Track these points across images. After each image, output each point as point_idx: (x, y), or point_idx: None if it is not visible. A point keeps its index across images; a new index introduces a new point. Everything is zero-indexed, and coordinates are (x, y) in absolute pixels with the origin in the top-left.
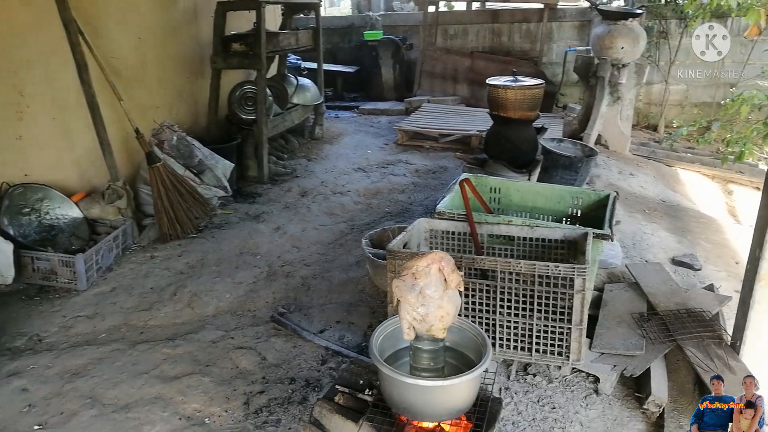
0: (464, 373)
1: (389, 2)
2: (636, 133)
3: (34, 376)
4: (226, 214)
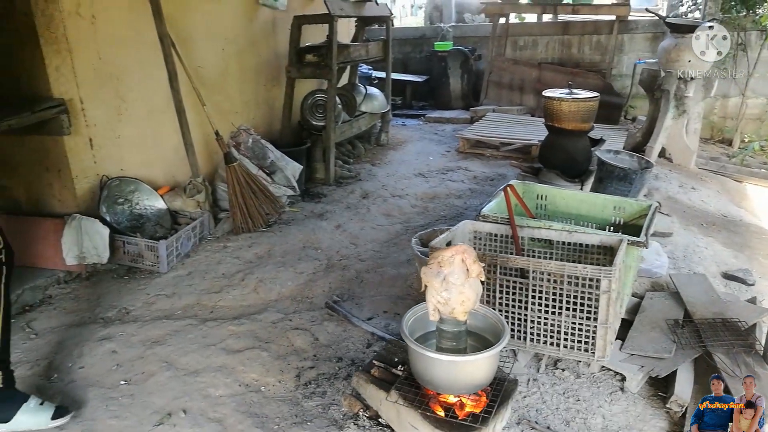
0: (481, 352)
1: (461, 14)
2: (708, 147)
3: (121, 341)
4: (293, 211)
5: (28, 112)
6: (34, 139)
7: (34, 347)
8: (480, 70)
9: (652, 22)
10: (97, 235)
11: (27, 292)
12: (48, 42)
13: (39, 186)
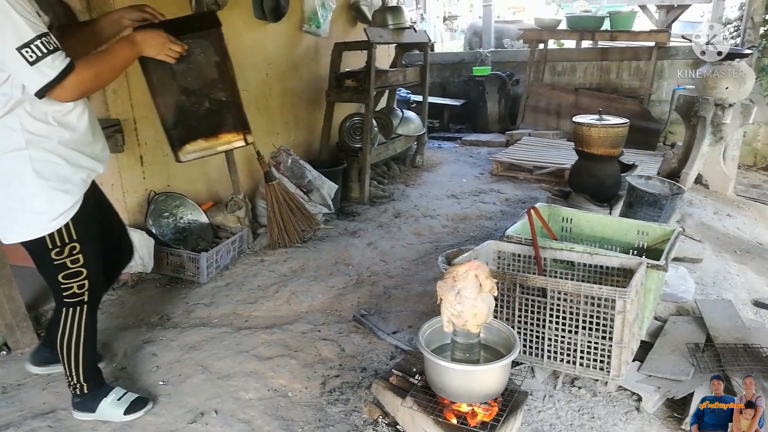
0: (492, 362)
1: (500, 40)
2: (750, 175)
3: (161, 345)
4: (327, 228)
5: None
6: None
7: None
8: (517, 95)
9: (691, 48)
10: (143, 246)
11: None
12: None
13: None
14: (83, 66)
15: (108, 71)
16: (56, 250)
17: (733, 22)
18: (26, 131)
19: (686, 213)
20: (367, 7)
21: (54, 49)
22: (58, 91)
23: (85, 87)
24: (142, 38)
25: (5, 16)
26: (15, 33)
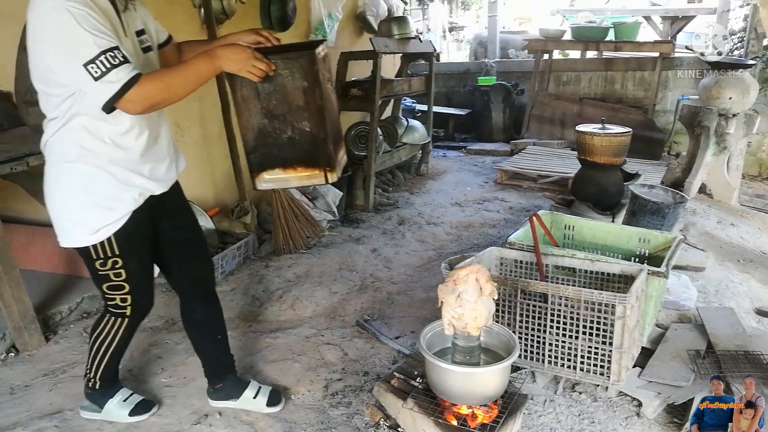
0: (492, 364)
1: (505, 50)
2: (755, 185)
3: (167, 348)
4: (332, 235)
5: None
6: None
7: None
8: (522, 105)
9: (696, 59)
10: None
11: (86, 301)
12: None
13: None
14: (151, 78)
15: (179, 84)
16: (100, 262)
17: (738, 33)
18: (79, 145)
19: (690, 222)
20: (373, 18)
21: (119, 63)
22: (123, 103)
23: (152, 99)
24: (223, 52)
25: (72, 33)
26: (81, 49)
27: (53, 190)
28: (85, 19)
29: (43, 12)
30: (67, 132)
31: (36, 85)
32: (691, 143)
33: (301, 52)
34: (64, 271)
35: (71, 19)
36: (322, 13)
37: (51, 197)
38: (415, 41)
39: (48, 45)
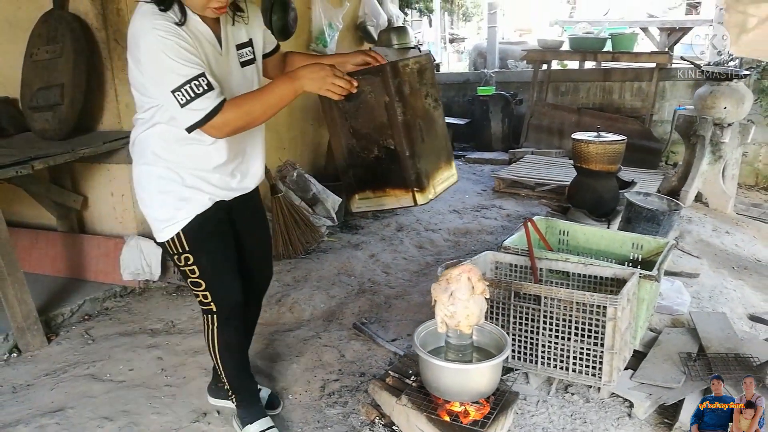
0: (484, 361)
1: (504, 60)
2: (752, 194)
3: (167, 349)
4: (331, 241)
5: (100, 143)
6: (104, 166)
7: (90, 351)
8: (521, 114)
9: (693, 69)
10: (151, 254)
11: (87, 303)
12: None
13: (104, 208)
14: (233, 105)
15: (260, 109)
16: (175, 257)
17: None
18: (156, 150)
19: (685, 230)
20: (374, 28)
21: (204, 91)
22: (207, 129)
23: (234, 126)
24: (303, 73)
25: (159, 61)
26: (168, 77)
27: (137, 189)
28: (171, 48)
29: (138, 33)
30: (149, 136)
31: (131, 85)
32: (687, 152)
33: (381, 66)
34: (67, 274)
35: (160, 47)
36: (323, 22)
37: (137, 195)
38: (415, 51)
39: (140, 64)
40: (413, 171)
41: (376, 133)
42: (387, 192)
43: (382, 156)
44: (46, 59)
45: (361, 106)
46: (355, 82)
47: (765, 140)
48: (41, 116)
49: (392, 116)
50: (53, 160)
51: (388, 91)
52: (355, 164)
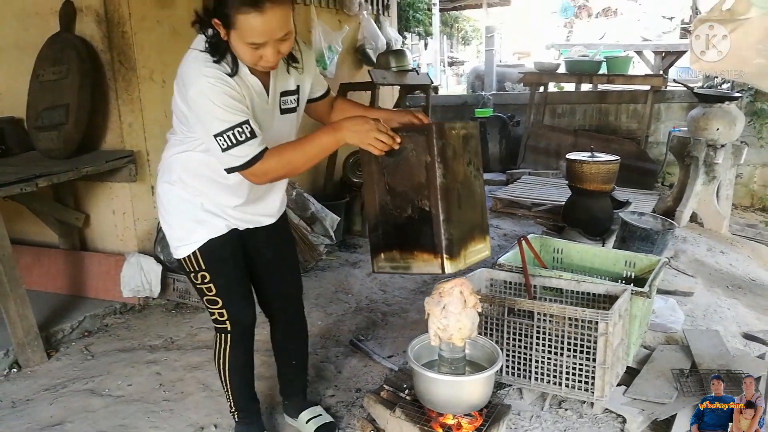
0: (476, 373)
1: (501, 83)
2: (747, 215)
3: (165, 365)
4: (329, 259)
5: (102, 161)
6: (106, 185)
7: (89, 366)
8: (518, 136)
9: (687, 92)
10: (151, 271)
11: (87, 320)
12: (125, 102)
13: (106, 226)
14: (274, 154)
15: (301, 159)
16: (192, 274)
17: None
18: (181, 174)
19: (680, 249)
20: (372, 51)
21: (246, 138)
22: (246, 175)
23: (273, 174)
24: (347, 124)
25: (206, 106)
26: (212, 123)
27: (158, 204)
28: (219, 96)
29: (189, 76)
30: (178, 159)
31: (173, 111)
32: (681, 173)
33: (426, 125)
34: (68, 291)
35: (208, 93)
36: (323, 45)
37: (158, 212)
38: (413, 73)
39: (186, 103)
40: (446, 236)
41: (413, 192)
42: (415, 255)
43: (415, 216)
44: (53, 80)
45: (401, 163)
46: (398, 139)
47: (759, 162)
48: (46, 135)
49: (431, 177)
50: (57, 178)
51: (430, 150)
52: (386, 222)
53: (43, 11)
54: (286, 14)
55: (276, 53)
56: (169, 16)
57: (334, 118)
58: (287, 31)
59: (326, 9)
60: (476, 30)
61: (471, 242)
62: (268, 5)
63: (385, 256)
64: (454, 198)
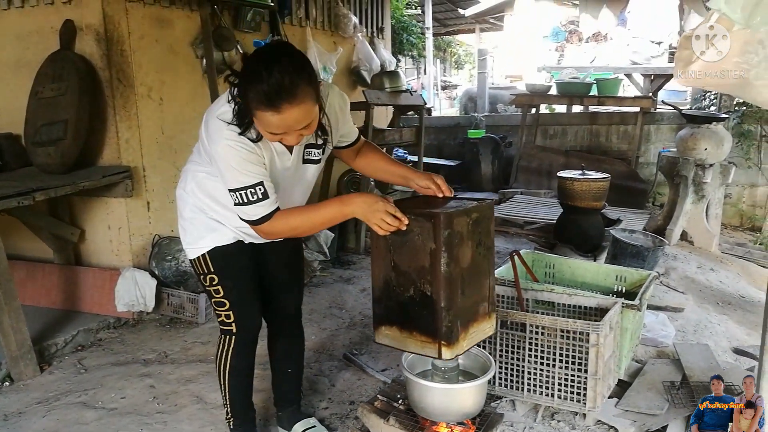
0: (468, 381)
1: (494, 104)
2: (737, 234)
3: (159, 378)
4: (323, 275)
5: (99, 176)
6: (102, 200)
7: (82, 380)
8: (510, 156)
9: (676, 113)
10: (146, 285)
11: (81, 334)
12: (123, 119)
13: (101, 241)
14: (282, 218)
15: (306, 226)
16: (202, 276)
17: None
18: (193, 187)
19: (670, 266)
20: (367, 72)
21: (257, 199)
22: (254, 228)
23: (278, 235)
24: (357, 199)
25: (224, 165)
26: (227, 179)
27: (177, 204)
28: (235, 158)
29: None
30: (195, 174)
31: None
32: (671, 192)
33: (434, 213)
34: (62, 306)
35: (226, 154)
36: (318, 66)
37: (177, 214)
38: (406, 94)
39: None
40: (445, 324)
41: (416, 274)
42: (413, 335)
43: (416, 298)
44: (52, 96)
45: (407, 244)
46: (405, 221)
47: (747, 182)
48: (44, 151)
49: (435, 264)
50: (54, 192)
51: (436, 239)
52: (389, 297)
53: (44, 30)
54: (306, 110)
55: (298, 137)
56: (167, 35)
57: (358, 165)
58: (308, 122)
59: (321, 31)
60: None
61: (473, 324)
62: (286, 106)
63: (386, 331)
64: (457, 285)
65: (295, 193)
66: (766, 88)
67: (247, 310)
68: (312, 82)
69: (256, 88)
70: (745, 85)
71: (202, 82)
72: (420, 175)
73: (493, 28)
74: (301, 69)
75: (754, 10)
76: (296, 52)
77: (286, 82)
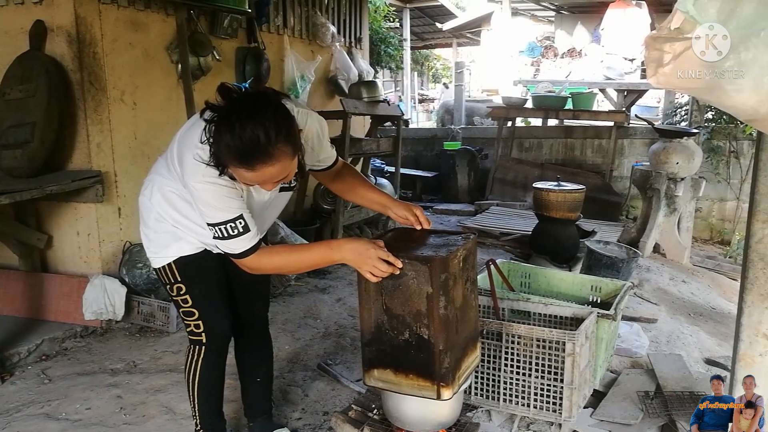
0: None
1: (470, 117)
2: (707, 247)
3: (127, 388)
4: (298, 285)
5: (68, 180)
6: (71, 205)
7: (46, 390)
8: (486, 168)
9: (649, 128)
10: (115, 293)
11: (45, 343)
12: (94, 122)
13: (69, 247)
14: (267, 255)
15: (293, 267)
16: (168, 285)
17: (684, 106)
18: (159, 199)
19: (644, 278)
20: (344, 82)
21: (238, 233)
22: (237, 262)
23: (262, 271)
24: (347, 246)
25: (201, 199)
26: (206, 213)
27: (140, 214)
28: (212, 195)
29: (188, 169)
30: (163, 191)
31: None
32: (644, 205)
33: (431, 258)
34: (27, 314)
35: (201, 191)
36: (295, 74)
37: (140, 219)
38: (384, 104)
39: (184, 183)
40: (443, 366)
41: (411, 318)
42: (410, 378)
43: (412, 342)
44: (20, 98)
45: (400, 287)
46: (399, 265)
47: (717, 197)
48: (10, 154)
49: (432, 309)
50: (20, 196)
51: (433, 284)
52: (382, 341)
53: (12, 30)
54: (283, 167)
55: (274, 185)
56: (142, 39)
57: (335, 188)
58: (284, 177)
59: (299, 39)
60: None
61: (465, 359)
62: (260, 165)
63: (379, 374)
64: (453, 326)
65: (269, 214)
66: (736, 93)
67: (216, 318)
68: (290, 139)
69: (229, 145)
70: (716, 89)
71: (177, 87)
72: (399, 205)
73: (470, 42)
74: (278, 126)
75: (730, 14)
76: (275, 104)
77: (262, 141)
